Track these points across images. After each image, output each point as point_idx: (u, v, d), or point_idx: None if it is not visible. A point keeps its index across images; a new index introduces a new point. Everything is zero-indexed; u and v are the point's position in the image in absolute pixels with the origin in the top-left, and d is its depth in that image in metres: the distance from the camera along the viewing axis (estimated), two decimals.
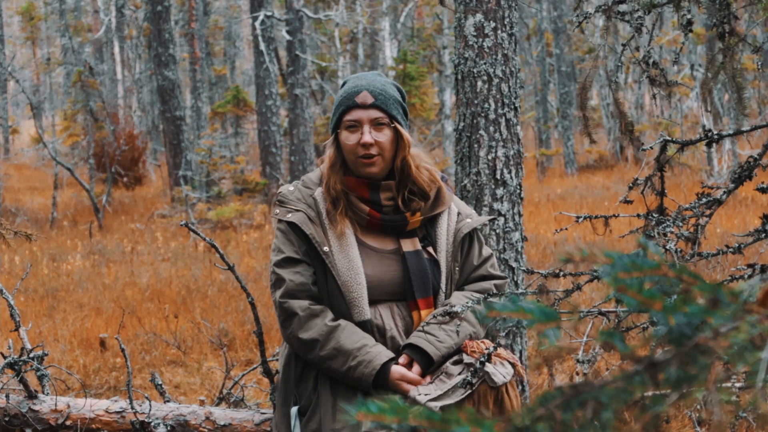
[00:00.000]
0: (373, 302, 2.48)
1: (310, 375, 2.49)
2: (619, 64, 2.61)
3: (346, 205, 2.52)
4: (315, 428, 2.42)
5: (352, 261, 2.47)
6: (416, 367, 2.41)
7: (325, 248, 2.49)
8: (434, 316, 2.46)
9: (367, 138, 2.47)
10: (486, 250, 2.66)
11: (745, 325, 0.69)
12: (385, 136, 2.49)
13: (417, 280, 2.48)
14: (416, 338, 2.43)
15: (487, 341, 2.48)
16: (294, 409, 2.49)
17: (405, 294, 2.50)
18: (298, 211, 2.54)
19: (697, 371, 0.68)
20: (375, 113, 2.49)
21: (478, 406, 2.34)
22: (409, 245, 2.53)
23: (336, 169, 2.53)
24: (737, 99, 2.35)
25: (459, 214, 2.62)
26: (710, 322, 0.69)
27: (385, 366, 2.38)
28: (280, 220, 2.56)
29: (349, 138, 2.50)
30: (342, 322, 2.45)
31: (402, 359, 2.42)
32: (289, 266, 2.50)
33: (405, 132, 2.53)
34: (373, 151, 2.48)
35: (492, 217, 3.37)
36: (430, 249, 2.55)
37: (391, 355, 2.41)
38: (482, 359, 2.30)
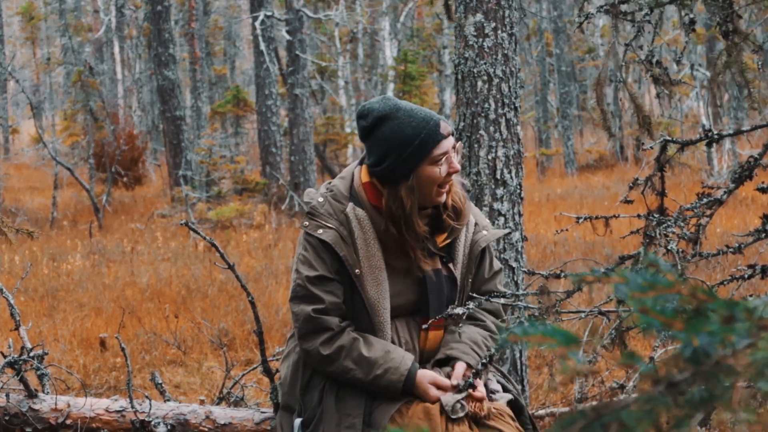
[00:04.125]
0: (392, 317, 2.48)
1: (316, 386, 2.49)
2: (623, 63, 2.61)
3: (381, 233, 2.46)
4: None
5: (381, 284, 2.44)
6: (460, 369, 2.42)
7: (357, 271, 2.44)
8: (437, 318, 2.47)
9: (457, 165, 2.42)
10: (496, 264, 2.64)
11: (763, 341, 0.68)
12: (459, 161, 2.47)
13: (434, 303, 2.47)
14: (463, 354, 2.45)
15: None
16: (297, 421, 2.49)
17: (422, 312, 2.49)
18: (329, 228, 2.46)
19: (722, 391, 0.67)
20: (453, 140, 2.44)
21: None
22: (429, 264, 2.50)
23: (416, 210, 2.42)
24: (747, 94, 2.35)
25: (476, 224, 2.58)
26: (731, 340, 0.69)
27: (411, 370, 2.39)
28: (310, 234, 2.47)
29: (438, 171, 2.40)
30: (363, 334, 2.46)
31: (459, 368, 2.43)
32: (322, 284, 2.45)
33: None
34: (455, 176, 2.46)
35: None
36: (451, 265, 2.52)
37: (412, 357, 2.42)
38: (484, 360, 2.30)
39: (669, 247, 2.14)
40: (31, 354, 3.39)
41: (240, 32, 26.53)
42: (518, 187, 3.78)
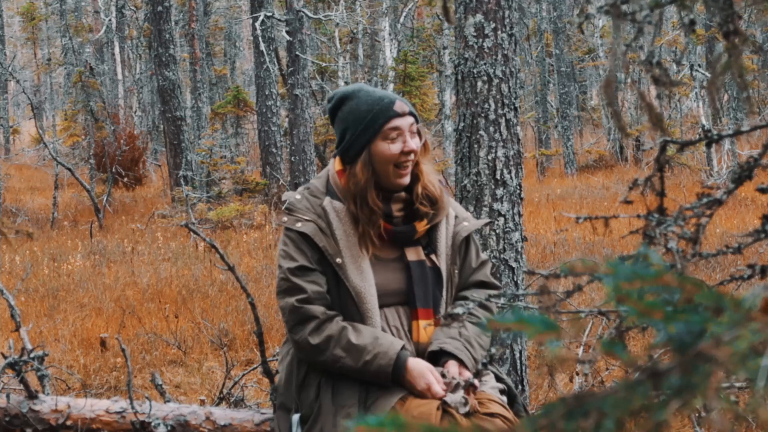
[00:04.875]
0: (380, 306, 2.50)
1: (313, 382, 2.50)
2: (626, 63, 2.62)
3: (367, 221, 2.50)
4: None
5: (365, 272, 2.48)
6: (466, 373, 2.42)
7: (338, 260, 2.48)
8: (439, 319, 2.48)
9: (412, 145, 2.47)
10: (482, 255, 2.68)
11: (747, 332, 0.69)
12: (418, 144, 2.51)
13: (419, 291, 2.50)
14: (456, 350, 2.45)
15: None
16: (296, 417, 2.50)
17: (409, 302, 2.51)
18: (308, 221, 2.51)
19: (699, 379, 0.68)
20: (411, 120, 2.50)
21: None
22: (413, 254, 2.54)
23: (371, 186, 2.48)
24: (745, 97, 2.36)
25: (456, 217, 2.63)
26: (710, 330, 0.70)
27: (400, 354, 2.39)
28: (289, 229, 2.53)
29: (391, 148, 2.47)
30: (352, 323, 2.47)
31: (453, 368, 2.42)
32: (303, 275, 2.49)
33: (427, 138, 2.57)
34: (412, 157, 2.49)
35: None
36: (434, 257, 2.55)
37: (402, 342, 2.42)
38: (484, 361, 2.30)
39: (669, 247, 2.14)
40: (32, 355, 3.39)
41: (240, 33, 26.54)
42: (518, 187, 3.78)
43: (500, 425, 2.34)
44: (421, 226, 2.54)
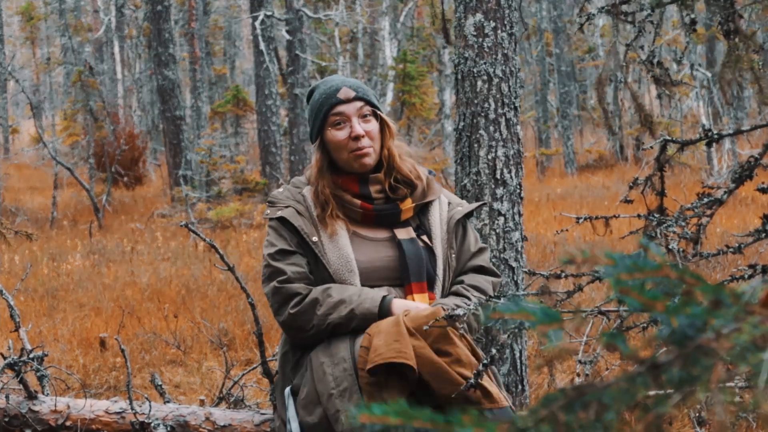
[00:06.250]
0: (369, 287, 2.50)
1: (305, 362, 2.52)
2: (624, 63, 2.62)
3: (337, 205, 2.55)
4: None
5: (342, 249, 2.50)
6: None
7: (314, 238, 2.52)
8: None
9: (359, 129, 2.51)
10: (481, 243, 2.71)
11: (747, 326, 0.69)
12: (372, 126, 2.54)
13: (413, 265, 2.51)
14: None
15: None
16: (287, 390, 2.51)
17: (401, 279, 2.52)
18: (287, 207, 2.58)
19: (700, 372, 0.68)
20: (360, 105, 2.54)
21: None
22: (404, 234, 2.57)
23: (324, 173, 2.57)
24: (758, 89, 2.36)
25: (449, 204, 2.67)
26: (712, 323, 0.69)
27: (386, 296, 2.43)
28: (271, 219, 2.60)
29: (337, 135, 2.53)
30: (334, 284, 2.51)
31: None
32: (283, 258, 2.53)
33: (389, 120, 2.59)
34: (365, 142, 2.52)
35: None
36: (425, 237, 2.58)
37: (386, 292, 2.47)
38: (485, 361, 2.29)
39: (670, 247, 2.13)
40: (31, 355, 3.38)
41: (240, 32, 26.53)
42: (518, 186, 3.77)
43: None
44: (406, 206, 2.57)
